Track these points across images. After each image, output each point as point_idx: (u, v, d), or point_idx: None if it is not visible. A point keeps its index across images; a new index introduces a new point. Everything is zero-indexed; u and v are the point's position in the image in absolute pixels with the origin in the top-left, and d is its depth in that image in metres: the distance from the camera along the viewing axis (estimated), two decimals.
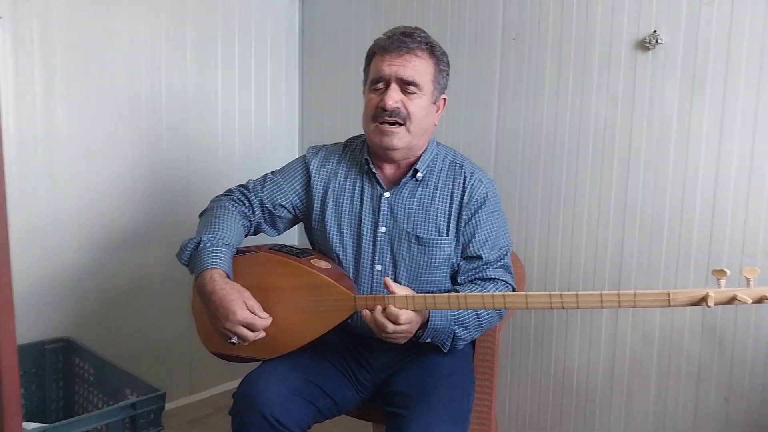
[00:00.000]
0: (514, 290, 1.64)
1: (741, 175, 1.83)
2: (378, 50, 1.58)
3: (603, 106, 2.04)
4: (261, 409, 1.43)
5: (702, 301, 1.17)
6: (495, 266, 1.62)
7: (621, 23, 1.99)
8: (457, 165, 1.65)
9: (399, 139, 1.56)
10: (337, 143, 1.77)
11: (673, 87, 1.91)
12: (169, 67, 2.42)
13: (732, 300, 1.16)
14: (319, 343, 1.59)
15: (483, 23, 2.28)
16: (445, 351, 1.56)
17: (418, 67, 1.55)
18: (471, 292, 1.47)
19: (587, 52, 2.06)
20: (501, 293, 1.35)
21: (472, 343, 1.72)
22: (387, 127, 1.55)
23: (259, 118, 2.78)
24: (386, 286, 1.41)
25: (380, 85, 1.56)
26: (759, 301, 1.14)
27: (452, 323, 1.51)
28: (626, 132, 2.01)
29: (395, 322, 1.39)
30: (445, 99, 1.66)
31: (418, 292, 1.44)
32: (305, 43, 2.88)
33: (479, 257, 1.60)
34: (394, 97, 1.53)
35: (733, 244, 1.86)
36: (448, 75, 1.64)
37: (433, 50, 1.58)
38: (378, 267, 1.62)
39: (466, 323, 1.53)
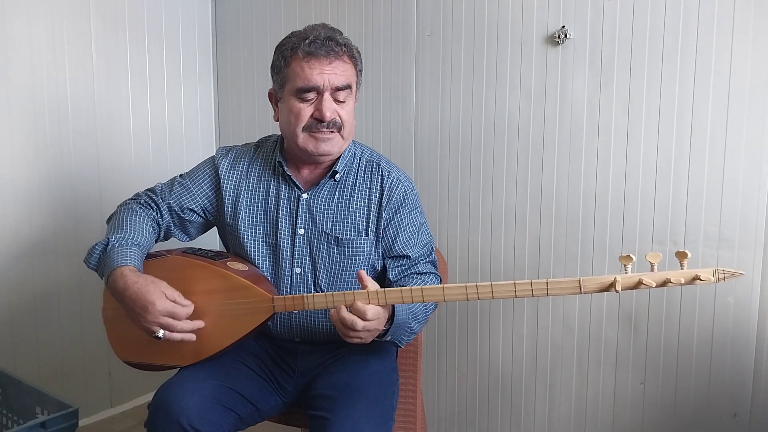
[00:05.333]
0: None
1: (648, 164, 1.90)
2: (302, 54, 1.48)
3: (516, 100, 2.07)
4: (178, 419, 1.37)
5: (611, 286, 1.20)
6: (423, 262, 1.62)
7: (531, 19, 2.02)
8: (374, 164, 1.63)
9: (334, 144, 1.53)
10: (248, 144, 1.72)
11: (582, 80, 1.96)
12: (73, 67, 2.31)
13: (638, 284, 1.19)
14: (239, 348, 1.56)
15: (397, 19, 2.28)
16: (402, 347, 1.54)
17: (347, 72, 1.51)
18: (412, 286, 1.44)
19: (500, 48, 2.08)
20: (419, 287, 1.34)
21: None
22: (322, 134, 1.51)
23: (173, 120, 2.70)
24: (361, 279, 1.36)
25: (311, 95, 1.50)
26: (663, 284, 1.18)
27: (409, 317, 1.48)
28: (539, 125, 2.04)
29: (363, 318, 1.33)
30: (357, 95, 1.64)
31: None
32: (219, 40, 2.81)
33: (407, 256, 1.59)
34: (330, 108, 1.49)
35: (643, 230, 1.92)
36: (362, 72, 1.62)
37: (352, 52, 1.54)
38: (297, 270, 1.59)
39: (418, 315, 1.52)
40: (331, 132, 1.52)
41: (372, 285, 1.37)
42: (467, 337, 2.26)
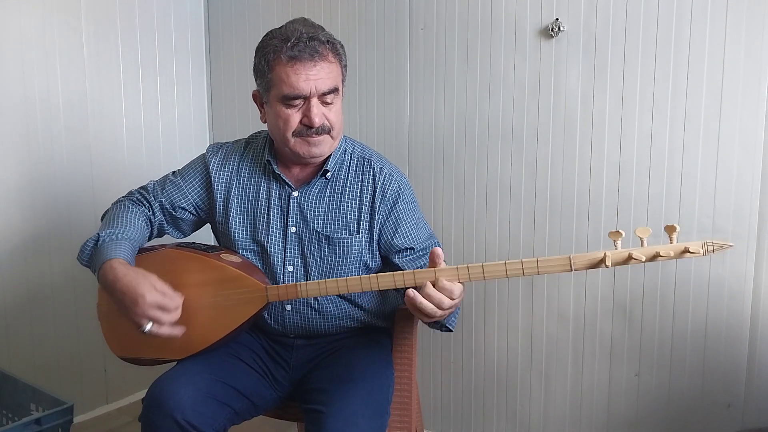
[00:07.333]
0: None
1: (642, 155, 1.90)
2: (285, 59, 1.45)
3: (510, 93, 2.07)
4: (172, 413, 1.37)
5: (601, 262, 1.21)
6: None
7: (525, 12, 2.02)
8: (366, 161, 1.62)
9: (325, 146, 1.53)
10: (238, 140, 1.71)
11: (576, 72, 1.96)
12: (64, 63, 2.30)
13: (628, 259, 1.19)
14: (234, 342, 1.56)
15: (391, 13, 2.27)
16: (452, 330, 1.50)
17: (332, 73, 1.48)
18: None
19: (494, 41, 2.08)
20: (411, 271, 1.33)
21: (390, 334, 1.72)
22: (312, 138, 1.49)
23: (166, 117, 2.68)
24: (436, 258, 1.31)
25: (298, 101, 1.47)
26: (652, 258, 1.19)
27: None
28: (533, 118, 2.04)
29: (451, 297, 1.29)
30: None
31: None
32: (212, 35, 2.79)
33: (411, 248, 1.58)
34: (319, 114, 1.47)
35: (637, 221, 1.92)
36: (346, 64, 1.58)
37: (336, 48, 1.51)
38: (289, 267, 1.58)
39: None
40: (321, 135, 1.51)
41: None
42: (462, 329, 2.26)
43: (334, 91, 1.50)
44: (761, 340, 1.81)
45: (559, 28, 1.95)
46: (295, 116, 1.48)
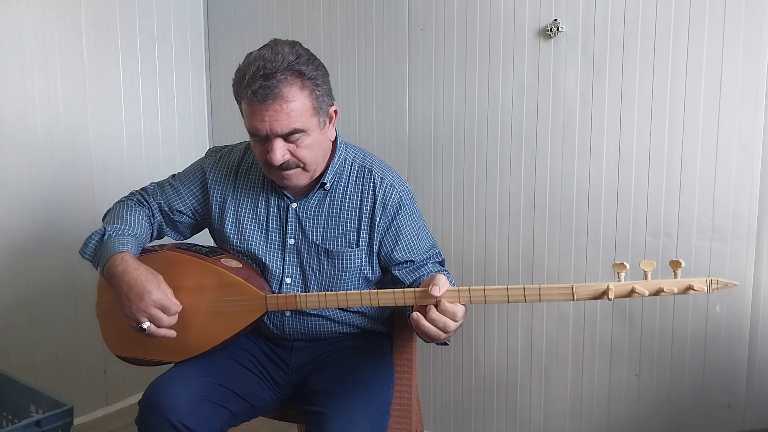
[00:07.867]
0: None
1: (641, 157, 1.90)
2: (243, 98, 1.40)
3: (509, 94, 2.07)
4: (167, 415, 1.38)
5: (603, 294, 1.19)
6: (432, 263, 1.58)
7: (523, 12, 2.02)
8: (366, 170, 1.57)
9: (297, 178, 1.47)
10: (239, 144, 1.68)
11: (574, 74, 1.96)
12: (64, 64, 2.30)
13: (631, 293, 1.18)
14: (232, 345, 1.55)
15: (389, 13, 2.27)
16: (448, 344, 1.45)
17: (293, 112, 1.37)
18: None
19: (492, 42, 2.08)
20: (411, 290, 1.31)
21: (390, 336, 1.71)
22: (283, 172, 1.45)
23: (165, 116, 2.68)
24: (435, 283, 1.27)
25: (260, 137, 1.41)
26: (656, 293, 1.17)
27: None
28: (532, 118, 2.04)
29: (454, 319, 1.26)
30: (336, 110, 1.52)
31: None
32: (211, 36, 2.79)
33: (411, 261, 1.55)
34: (279, 152, 1.39)
35: (636, 223, 1.92)
36: (328, 87, 1.47)
37: (303, 76, 1.39)
38: (288, 280, 1.57)
39: None
40: (291, 170, 1.45)
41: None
42: (462, 330, 2.26)
43: (297, 132, 1.40)
44: (761, 340, 1.82)
45: (558, 29, 1.95)
46: (260, 150, 1.44)
